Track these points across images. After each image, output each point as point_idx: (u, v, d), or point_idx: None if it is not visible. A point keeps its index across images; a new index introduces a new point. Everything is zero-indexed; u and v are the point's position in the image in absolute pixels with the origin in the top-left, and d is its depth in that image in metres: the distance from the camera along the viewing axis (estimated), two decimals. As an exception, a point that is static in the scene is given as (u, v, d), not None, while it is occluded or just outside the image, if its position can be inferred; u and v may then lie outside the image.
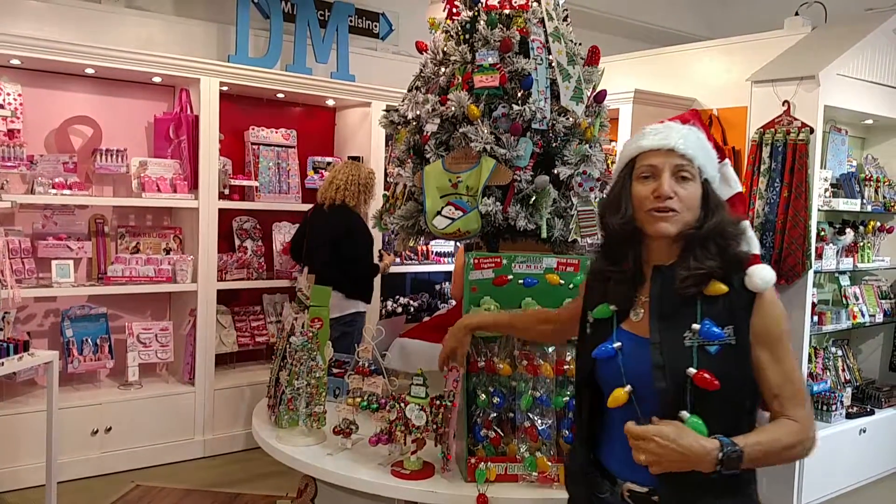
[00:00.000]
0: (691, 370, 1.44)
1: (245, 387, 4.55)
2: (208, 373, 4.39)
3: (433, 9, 3.93)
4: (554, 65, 2.60)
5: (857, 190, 4.42)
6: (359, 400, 2.28)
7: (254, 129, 4.81)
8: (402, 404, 2.11)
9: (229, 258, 4.56)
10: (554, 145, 2.61)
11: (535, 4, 2.68)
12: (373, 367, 2.38)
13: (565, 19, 2.77)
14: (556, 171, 2.55)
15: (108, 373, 4.39)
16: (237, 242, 4.80)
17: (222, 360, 4.64)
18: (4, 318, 3.46)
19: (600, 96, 2.77)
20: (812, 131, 3.84)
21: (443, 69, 2.73)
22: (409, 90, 2.83)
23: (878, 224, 4.65)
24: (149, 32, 4.53)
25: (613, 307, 1.61)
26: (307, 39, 4.91)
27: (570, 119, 2.62)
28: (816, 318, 4.15)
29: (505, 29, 2.61)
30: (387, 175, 4.08)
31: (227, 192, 4.55)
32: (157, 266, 4.22)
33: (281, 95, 4.83)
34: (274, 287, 4.87)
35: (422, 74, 2.80)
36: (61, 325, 4.13)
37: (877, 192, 4.61)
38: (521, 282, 2.20)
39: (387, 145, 4.84)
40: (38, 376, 4.03)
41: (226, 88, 4.48)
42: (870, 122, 4.68)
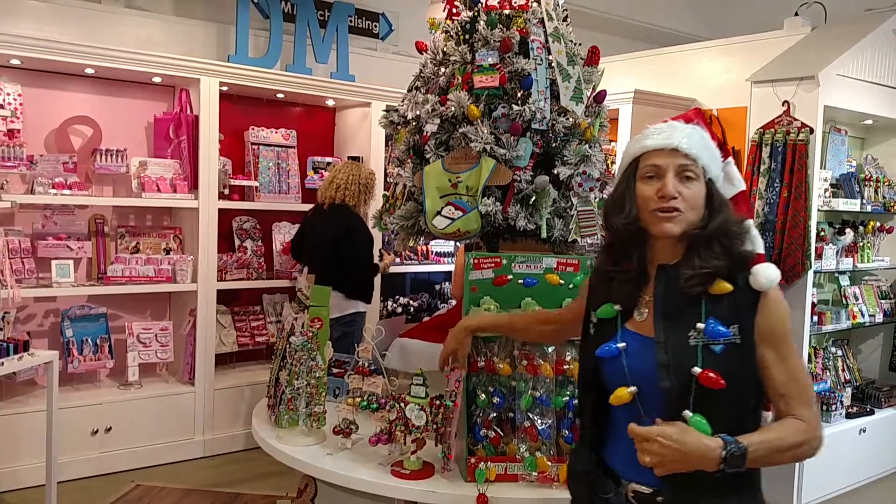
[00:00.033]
0: (696, 369, 1.43)
1: (245, 387, 4.55)
2: (208, 373, 4.39)
3: (433, 9, 3.92)
4: (554, 65, 2.60)
5: (857, 190, 4.42)
6: (359, 400, 2.28)
7: (254, 129, 4.81)
8: (402, 404, 2.11)
9: (229, 258, 4.56)
10: (554, 145, 2.61)
11: (534, 5, 2.68)
12: (373, 367, 2.38)
13: (565, 19, 2.77)
14: (555, 172, 2.55)
15: (108, 373, 4.39)
16: (237, 242, 4.80)
17: (222, 359, 4.64)
18: (4, 318, 3.46)
19: (600, 96, 2.77)
20: (812, 131, 3.84)
21: (443, 69, 2.73)
22: (409, 90, 2.83)
23: (878, 224, 4.65)
24: (149, 32, 4.53)
25: (618, 307, 1.60)
26: (307, 39, 4.91)
27: (570, 119, 2.62)
28: (816, 318, 4.15)
29: (505, 29, 2.60)
30: (387, 175, 4.08)
31: (226, 192, 4.55)
32: (156, 266, 4.22)
33: (281, 95, 4.83)
34: (274, 287, 4.87)
35: (422, 74, 2.80)
36: (61, 325, 4.13)
37: (876, 192, 4.61)
38: (520, 282, 2.20)
39: (387, 145, 4.84)
40: (38, 376, 4.03)
41: (226, 88, 4.48)
42: (869, 122, 4.68)
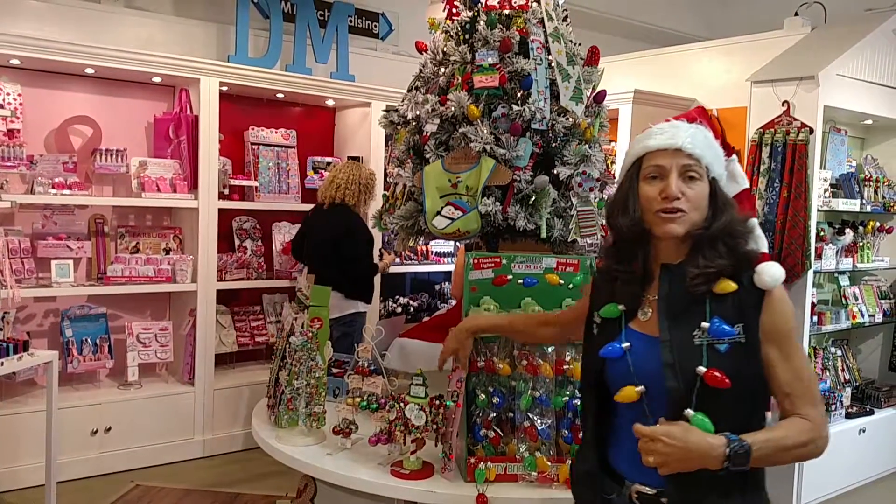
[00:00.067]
0: (701, 368, 1.43)
1: (245, 387, 4.55)
2: (208, 373, 4.39)
3: (433, 9, 3.92)
4: (553, 65, 2.60)
5: (857, 190, 4.42)
6: (358, 400, 2.28)
7: (253, 129, 4.81)
8: (402, 404, 2.11)
9: (229, 258, 4.56)
10: (553, 145, 2.61)
11: (534, 5, 2.68)
12: (372, 367, 2.38)
13: (565, 19, 2.77)
14: (555, 172, 2.55)
15: (108, 373, 4.39)
16: (237, 242, 4.80)
17: (222, 359, 4.64)
18: (4, 318, 3.46)
19: (600, 96, 2.77)
20: (812, 131, 3.84)
21: (442, 69, 2.73)
22: (409, 90, 2.83)
23: (878, 224, 4.65)
24: (148, 32, 4.53)
25: (622, 307, 1.60)
26: (307, 39, 4.91)
27: (570, 119, 2.62)
28: (816, 318, 4.15)
29: (505, 29, 2.60)
30: (387, 175, 4.08)
31: (226, 192, 4.55)
32: (156, 266, 4.22)
33: (281, 95, 4.83)
34: (274, 287, 4.87)
35: (421, 74, 2.80)
36: (61, 324, 4.13)
37: (876, 192, 4.61)
38: (520, 282, 2.20)
39: (386, 145, 4.84)
40: (37, 376, 4.03)
41: (225, 88, 4.48)
42: (869, 122, 4.68)
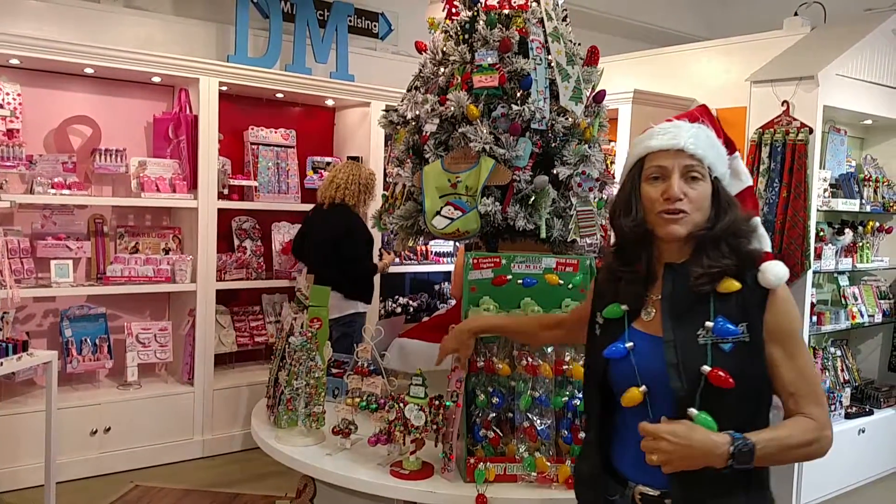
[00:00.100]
0: (706, 368, 1.42)
1: (244, 387, 4.55)
2: (207, 373, 4.39)
3: (433, 9, 3.92)
4: (553, 65, 2.60)
5: (856, 190, 4.42)
6: (358, 400, 2.28)
7: (253, 128, 4.81)
8: (402, 404, 2.11)
9: (228, 258, 4.56)
10: (553, 145, 2.60)
11: (534, 4, 2.68)
12: (372, 368, 2.38)
13: (564, 19, 2.77)
14: (555, 172, 2.54)
15: (107, 373, 4.38)
16: (236, 242, 4.80)
17: (221, 360, 4.64)
18: (3, 318, 3.45)
19: (599, 96, 2.77)
20: (811, 131, 3.84)
21: (442, 69, 2.73)
22: (409, 90, 2.82)
23: (877, 224, 4.65)
24: (148, 32, 4.53)
25: (625, 307, 1.59)
26: (306, 39, 4.91)
27: (570, 119, 2.62)
28: (815, 319, 4.15)
29: (504, 29, 2.60)
30: (386, 175, 4.07)
31: (226, 191, 4.54)
32: (156, 266, 4.22)
33: (280, 95, 4.83)
34: (273, 287, 4.87)
35: (421, 74, 2.80)
36: (60, 325, 4.13)
37: (876, 192, 4.61)
38: (520, 282, 2.20)
39: (386, 145, 4.84)
40: (37, 376, 4.03)
41: (225, 88, 4.48)
42: (869, 122, 4.68)
